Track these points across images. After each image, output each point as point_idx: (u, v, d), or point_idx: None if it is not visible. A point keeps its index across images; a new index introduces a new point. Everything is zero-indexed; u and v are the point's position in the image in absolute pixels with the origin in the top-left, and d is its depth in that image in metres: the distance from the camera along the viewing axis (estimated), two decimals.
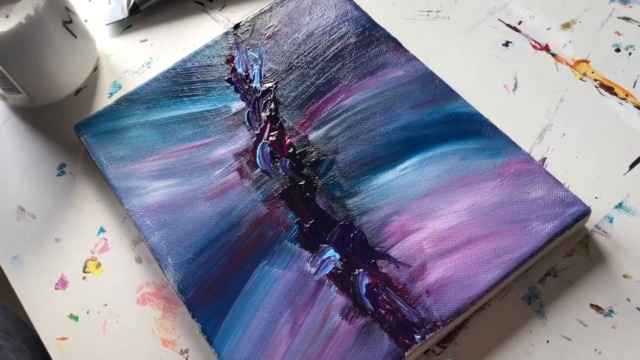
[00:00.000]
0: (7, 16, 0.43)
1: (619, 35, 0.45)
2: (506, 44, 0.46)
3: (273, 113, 0.45)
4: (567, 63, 0.45)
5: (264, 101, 0.45)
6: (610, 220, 0.39)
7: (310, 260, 0.39)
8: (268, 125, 0.44)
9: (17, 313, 0.56)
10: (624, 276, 0.37)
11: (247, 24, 0.49)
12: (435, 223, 0.38)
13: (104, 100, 0.50)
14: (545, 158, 0.41)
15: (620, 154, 0.41)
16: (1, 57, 0.45)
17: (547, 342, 0.36)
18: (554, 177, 0.38)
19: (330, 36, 0.47)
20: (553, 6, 0.47)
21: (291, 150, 0.43)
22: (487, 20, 0.48)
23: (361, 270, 0.38)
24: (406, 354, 0.35)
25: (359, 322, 0.36)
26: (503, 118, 0.42)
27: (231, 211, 0.41)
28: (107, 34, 0.54)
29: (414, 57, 0.45)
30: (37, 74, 0.48)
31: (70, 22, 0.48)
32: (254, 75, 0.46)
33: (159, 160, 0.44)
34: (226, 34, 0.49)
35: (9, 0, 0.43)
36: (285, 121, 0.44)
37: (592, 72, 0.44)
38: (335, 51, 0.46)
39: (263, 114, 0.45)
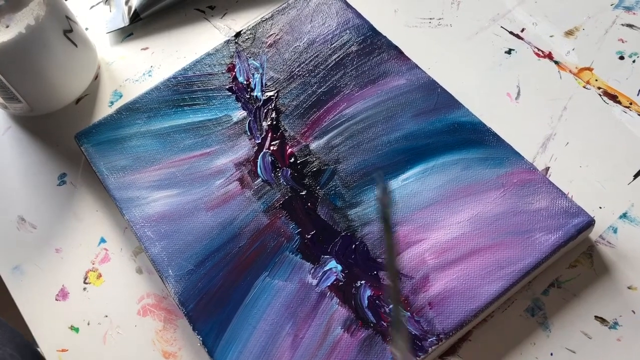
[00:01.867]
0: (8, 26, 0.43)
1: (622, 42, 0.45)
2: (509, 52, 0.46)
3: (274, 122, 0.44)
4: (570, 71, 0.44)
5: (265, 110, 0.45)
6: (615, 231, 0.38)
7: (311, 271, 0.38)
8: (269, 135, 0.44)
9: (7, 321, 0.56)
10: (629, 288, 0.37)
11: (249, 32, 0.49)
12: (437, 234, 0.38)
13: (104, 109, 0.50)
14: (549, 167, 0.41)
15: (624, 163, 0.41)
16: (2, 66, 0.45)
17: (551, 354, 0.36)
18: (558, 187, 0.38)
19: (331, 44, 0.47)
20: (556, 13, 0.47)
21: (292, 159, 0.43)
22: (490, 27, 0.47)
23: (363, 282, 0.38)
24: None
25: (361, 334, 0.36)
26: (506, 127, 0.42)
27: (232, 222, 0.41)
28: (108, 42, 0.54)
29: (416, 66, 0.44)
30: (37, 83, 0.48)
31: (71, 30, 0.48)
32: (255, 84, 0.46)
33: (160, 170, 0.44)
34: (227, 42, 0.48)
35: (10, 9, 0.43)
36: (287, 130, 0.44)
37: (596, 80, 0.44)
38: (336, 59, 0.46)
39: (264, 123, 0.44)
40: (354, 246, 0.39)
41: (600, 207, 0.39)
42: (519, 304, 0.37)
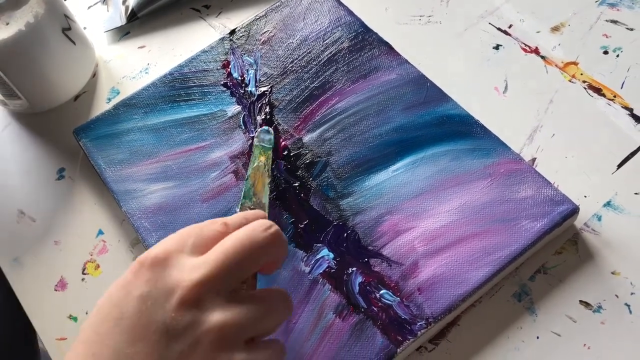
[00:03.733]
0: (7, 23, 0.44)
1: (607, 37, 0.46)
2: (497, 47, 0.47)
3: (268, 116, 0.45)
4: (556, 65, 0.46)
5: (259, 105, 0.46)
6: (599, 219, 0.40)
7: (304, 259, 0.39)
8: None
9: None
10: (612, 273, 0.38)
11: (243, 29, 0.50)
12: (426, 222, 0.39)
13: (102, 106, 0.51)
14: (535, 158, 0.42)
15: (608, 153, 0.42)
16: (1, 63, 0.46)
17: (537, 338, 0.37)
18: (543, 177, 0.39)
19: (324, 41, 0.48)
20: (542, 10, 0.48)
21: (286, 152, 0.44)
22: (478, 24, 0.49)
23: (354, 269, 0.39)
24: (398, 350, 0.36)
25: (352, 319, 0.37)
26: (494, 119, 0.43)
27: (227, 213, 0.42)
28: (106, 40, 0.55)
29: (406, 61, 0.45)
30: (36, 80, 0.49)
31: (69, 29, 0.49)
32: (249, 80, 0.47)
33: (157, 164, 0.45)
34: (222, 39, 0.50)
35: (9, 7, 0.44)
36: (280, 124, 0.45)
37: (581, 74, 0.45)
38: (328, 55, 0.47)
39: (258, 118, 0.46)
40: (345, 235, 0.40)
41: (585, 196, 0.40)
42: (506, 289, 0.38)
